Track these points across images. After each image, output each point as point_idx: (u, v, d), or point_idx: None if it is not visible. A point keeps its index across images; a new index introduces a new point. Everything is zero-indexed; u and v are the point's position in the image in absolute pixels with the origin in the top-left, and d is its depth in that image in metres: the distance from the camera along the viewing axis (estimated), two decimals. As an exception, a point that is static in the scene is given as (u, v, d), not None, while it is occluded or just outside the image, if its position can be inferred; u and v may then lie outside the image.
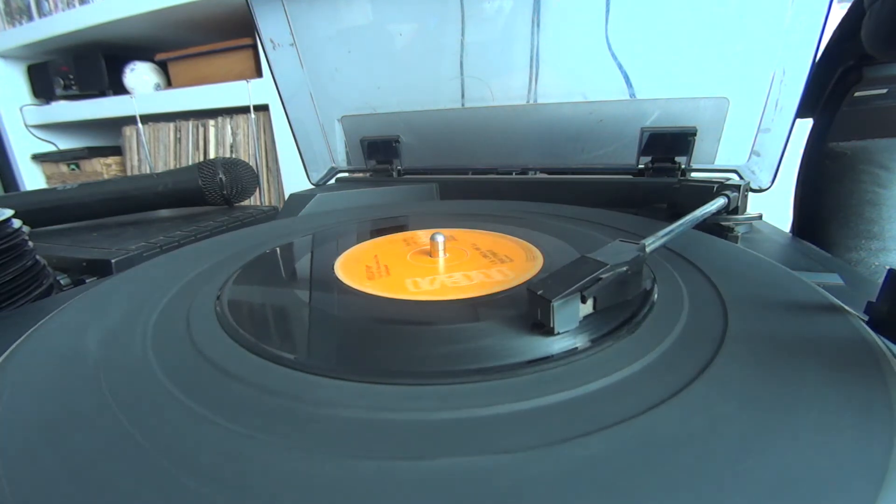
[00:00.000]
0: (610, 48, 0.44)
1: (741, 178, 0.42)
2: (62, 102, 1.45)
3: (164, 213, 0.52)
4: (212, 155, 1.20)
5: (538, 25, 0.47)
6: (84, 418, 0.13)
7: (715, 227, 0.35)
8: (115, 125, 1.38)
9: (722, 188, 0.35)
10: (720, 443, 0.11)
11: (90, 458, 0.12)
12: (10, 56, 1.46)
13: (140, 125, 1.08)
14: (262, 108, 1.09)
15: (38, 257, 0.31)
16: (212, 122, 1.19)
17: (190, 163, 1.12)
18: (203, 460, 0.11)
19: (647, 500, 0.10)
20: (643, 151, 0.45)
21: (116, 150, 1.48)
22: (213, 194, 0.50)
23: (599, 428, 0.12)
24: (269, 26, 0.54)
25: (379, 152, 0.57)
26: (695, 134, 0.42)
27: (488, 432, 0.12)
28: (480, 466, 0.11)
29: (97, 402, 0.14)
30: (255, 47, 1.10)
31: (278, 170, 1.13)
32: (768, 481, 0.10)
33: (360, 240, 0.30)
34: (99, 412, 0.14)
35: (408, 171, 0.56)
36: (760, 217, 0.37)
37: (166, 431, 0.13)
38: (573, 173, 0.49)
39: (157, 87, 1.32)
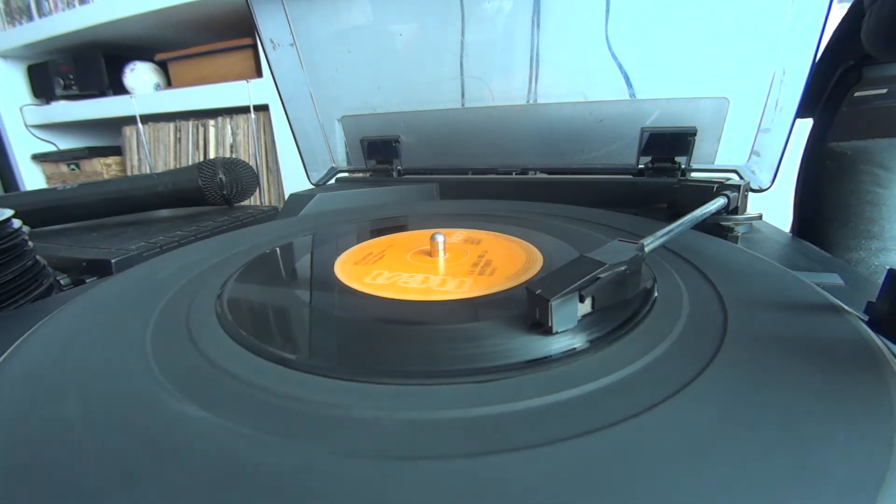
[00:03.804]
0: (610, 48, 0.44)
1: (741, 178, 0.42)
2: (62, 102, 1.45)
3: (164, 213, 0.52)
4: (212, 155, 1.20)
5: (538, 25, 0.47)
6: (83, 419, 0.13)
7: (715, 227, 0.35)
8: (115, 125, 1.38)
9: (722, 188, 0.35)
10: (718, 443, 0.11)
11: (90, 458, 0.12)
12: (10, 56, 1.46)
13: (140, 125, 1.08)
14: (262, 108, 1.09)
15: (38, 257, 0.31)
16: (212, 122, 1.19)
17: (190, 163, 1.12)
18: (202, 459, 0.11)
19: (644, 500, 0.10)
20: (643, 151, 0.45)
21: (116, 150, 1.48)
22: (213, 194, 0.50)
23: (597, 428, 0.12)
24: (269, 26, 0.54)
25: (379, 152, 0.57)
26: (695, 134, 0.42)
27: (487, 432, 0.12)
28: (479, 465, 0.11)
29: (97, 402, 0.14)
30: (255, 47, 1.10)
31: (278, 170, 1.13)
32: (767, 482, 0.10)
33: (360, 240, 0.30)
34: (99, 413, 0.14)
35: (408, 171, 0.56)
36: (760, 217, 0.37)
37: (166, 430, 0.13)
38: (573, 173, 0.49)
39: (157, 87, 1.32)
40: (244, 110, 1.09)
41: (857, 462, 0.10)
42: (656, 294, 0.20)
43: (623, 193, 0.44)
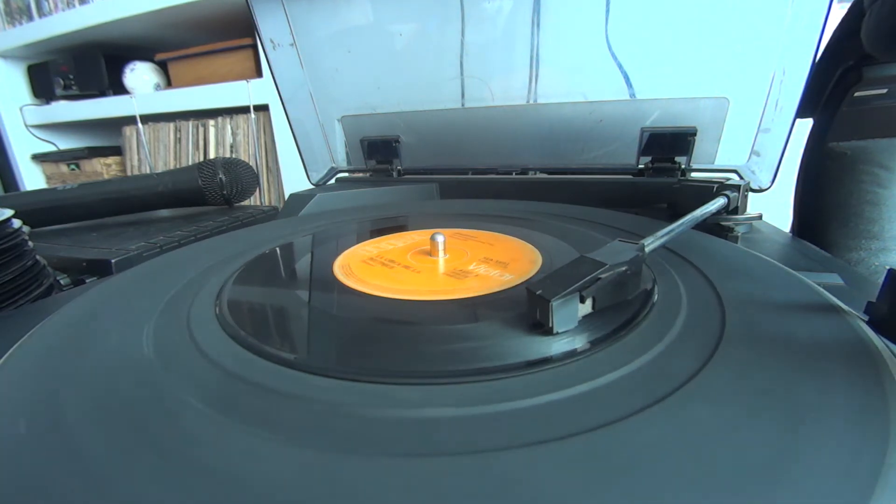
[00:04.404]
0: (610, 48, 0.44)
1: (741, 178, 0.42)
2: (62, 102, 1.45)
3: (164, 213, 0.52)
4: (212, 155, 1.20)
5: (538, 25, 0.47)
6: (84, 419, 0.13)
7: (715, 227, 0.35)
8: (115, 125, 1.38)
9: (722, 188, 0.35)
10: (716, 443, 0.11)
11: (90, 459, 0.12)
12: (10, 56, 1.46)
13: (140, 125, 1.08)
14: (262, 108, 1.09)
15: (38, 257, 0.31)
16: (212, 122, 1.19)
17: (190, 163, 1.12)
18: (203, 459, 0.11)
19: (643, 500, 0.10)
20: (643, 151, 0.45)
21: (116, 150, 1.48)
22: (213, 194, 0.50)
23: (597, 427, 0.12)
24: (269, 26, 0.54)
25: (379, 152, 0.57)
26: (695, 134, 0.42)
27: (486, 431, 0.12)
28: (479, 465, 0.11)
29: (97, 402, 0.14)
30: (255, 47, 1.10)
31: (278, 170, 1.13)
32: (765, 482, 0.10)
33: (359, 240, 0.30)
34: (99, 413, 0.14)
35: (408, 171, 0.56)
36: (760, 217, 0.37)
37: (167, 431, 0.13)
38: (573, 173, 0.49)
39: (157, 87, 1.32)
40: (244, 110, 1.09)
41: (855, 461, 0.10)
42: (656, 294, 0.20)
43: (623, 193, 0.44)
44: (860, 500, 0.10)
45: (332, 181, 0.59)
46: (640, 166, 0.45)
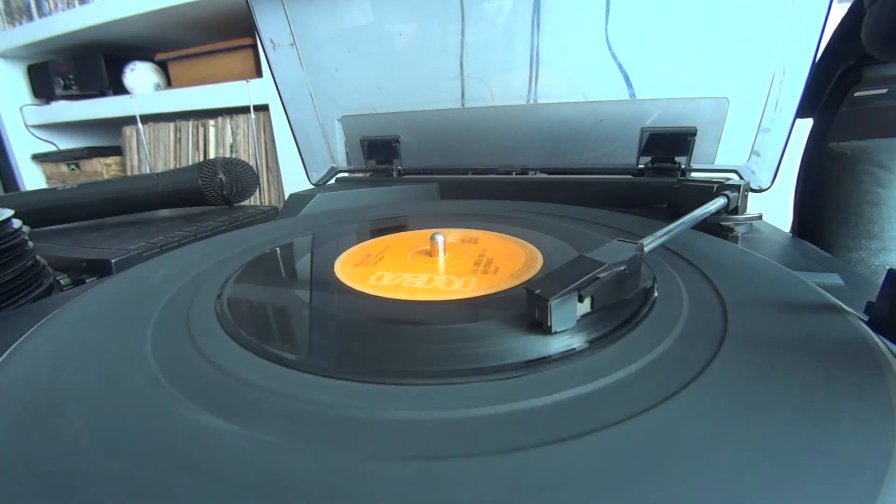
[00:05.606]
0: (610, 48, 0.44)
1: (741, 178, 0.42)
2: (62, 102, 1.45)
3: (164, 213, 0.52)
4: (212, 155, 1.20)
5: (538, 25, 0.47)
6: (84, 419, 0.13)
7: (715, 227, 0.35)
8: (115, 125, 1.38)
9: (722, 188, 0.35)
10: (719, 444, 0.11)
11: (89, 459, 0.12)
12: (10, 56, 1.46)
13: (140, 125, 1.08)
14: (262, 108, 1.09)
15: (38, 257, 0.31)
16: (212, 122, 1.19)
17: (190, 163, 1.12)
18: (203, 460, 0.11)
19: (645, 501, 0.10)
20: (643, 151, 0.45)
21: (116, 150, 1.48)
22: (213, 194, 0.50)
23: (596, 429, 0.12)
24: (269, 26, 0.54)
25: (379, 152, 0.57)
26: (695, 134, 0.42)
27: (485, 432, 0.12)
28: (478, 466, 0.11)
29: (97, 402, 0.14)
30: (255, 47, 1.10)
31: (278, 170, 1.13)
32: (768, 483, 0.10)
33: (360, 240, 0.30)
34: (99, 413, 0.14)
35: (408, 171, 0.56)
36: (760, 217, 0.37)
37: (166, 432, 0.13)
38: (573, 173, 0.49)
39: (157, 87, 1.32)
40: (244, 110, 1.09)
41: (858, 462, 0.10)
42: (656, 294, 0.20)
43: (623, 193, 0.44)
44: (866, 501, 0.09)
45: (332, 181, 0.59)
46: (640, 166, 0.45)
